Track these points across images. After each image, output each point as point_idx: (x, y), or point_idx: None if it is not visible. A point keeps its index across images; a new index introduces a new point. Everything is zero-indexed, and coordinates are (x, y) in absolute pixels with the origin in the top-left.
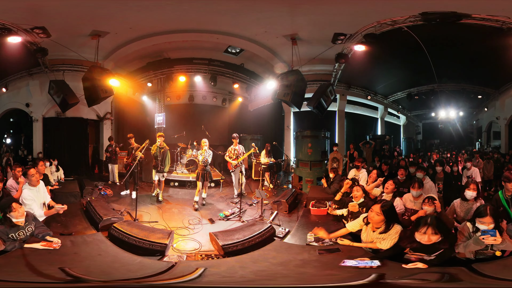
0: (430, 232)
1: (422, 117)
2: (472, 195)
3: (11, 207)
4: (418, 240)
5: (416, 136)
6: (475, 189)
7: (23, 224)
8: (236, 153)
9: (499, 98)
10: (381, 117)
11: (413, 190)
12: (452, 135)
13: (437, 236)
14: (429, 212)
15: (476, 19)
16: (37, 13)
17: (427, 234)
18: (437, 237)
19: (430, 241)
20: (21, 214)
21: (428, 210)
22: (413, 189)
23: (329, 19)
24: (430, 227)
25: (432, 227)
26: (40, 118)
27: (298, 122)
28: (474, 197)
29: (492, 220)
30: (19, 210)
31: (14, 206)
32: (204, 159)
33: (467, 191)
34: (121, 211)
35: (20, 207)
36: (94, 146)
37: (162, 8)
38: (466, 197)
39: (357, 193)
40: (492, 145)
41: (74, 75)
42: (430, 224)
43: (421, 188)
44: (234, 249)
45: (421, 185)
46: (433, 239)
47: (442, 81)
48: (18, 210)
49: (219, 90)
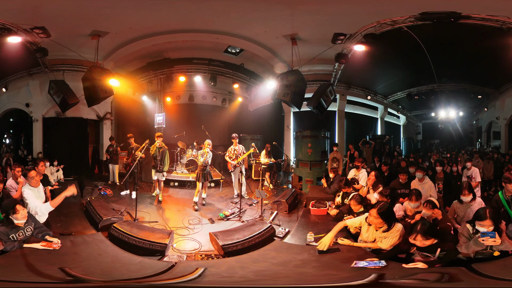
0: (419, 239)
1: (422, 117)
2: (467, 199)
3: (15, 208)
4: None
5: (416, 136)
6: (469, 193)
7: (22, 225)
8: (236, 153)
9: (499, 98)
10: (381, 117)
11: (410, 202)
12: (452, 135)
13: (429, 240)
14: (426, 216)
15: (476, 19)
16: (37, 13)
17: (417, 240)
18: (431, 241)
19: (424, 245)
20: (24, 216)
21: (426, 214)
22: (411, 201)
23: (329, 19)
24: (419, 234)
25: (421, 234)
26: (40, 118)
27: (298, 122)
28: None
29: (491, 223)
30: (22, 212)
31: (17, 208)
32: (205, 160)
33: (462, 197)
34: (121, 211)
35: (23, 209)
36: (94, 146)
37: (162, 8)
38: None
39: (355, 207)
40: (492, 145)
41: (74, 75)
42: (419, 231)
43: (418, 200)
44: (234, 249)
45: (419, 197)
46: (427, 243)
47: (442, 81)
48: (21, 212)
49: (219, 90)
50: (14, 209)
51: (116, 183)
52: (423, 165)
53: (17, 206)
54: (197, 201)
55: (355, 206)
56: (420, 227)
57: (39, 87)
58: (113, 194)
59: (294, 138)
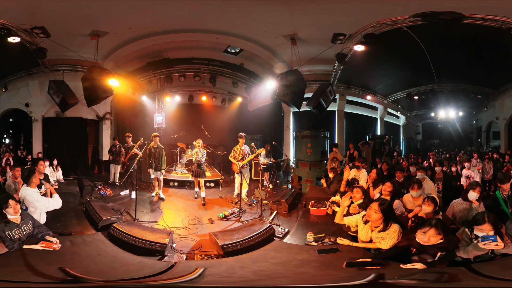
0: (431, 233)
1: (422, 117)
2: (476, 196)
3: (8, 203)
4: (417, 240)
5: (415, 136)
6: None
7: (18, 222)
8: (242, 154)
9: (498, 98)
10: (380, 117)
11: (412, 191)
12: (451, 135)
13: (438, 237)
14: (427, 211)
15: (476, 19)
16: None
17: (427, 235)
18: (438, 239)
19: (429, 242)
20: (16, 211)
21: (426, 209)
22: (412, 190)
23: (329, 19)
24: (433, 227)
25: (435, 228)
26: (40, 118)
27: (298, 122)
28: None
29: (491, 227)
30: (15, 207)
31: (10, 203)
32: (198, 158)
33: (472, 192)
34: (121, 211)
35: (16, 205)
36: (93, 146)
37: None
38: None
39: (357, 195)
40: (491, 145)
41: (74, 75)
42: (434, 225)
43: (420, 189)
44: (233, 249)
45: (420, 185)
46: (433, 240)
47: (442, 81)
48: (14, 207)
49: (219, 90)
50: (7, 204)
51: (116, 183)
52: (423, 165)
53: (10, 201)
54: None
55: (357, 194)
56: (435, 222)
57: (39, 87)
58: (113, 194)
59: (294, 138)
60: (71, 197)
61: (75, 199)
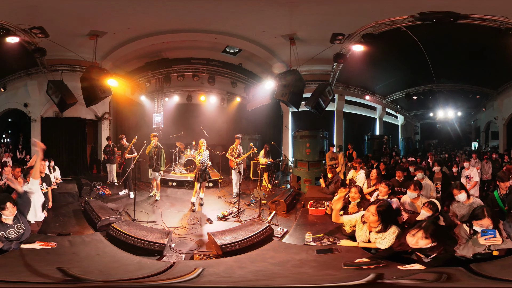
0: (419, 236)
1: (420, 117)
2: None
3: (5, 205)
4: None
5: (414, 136)
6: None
7: (11, 223)
8: (239, 152)
9: (497, 98)
10: (379, 117)
11: (409, 191)
12: (450, 135)
13: (427, 241)
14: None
15: (474, 19)
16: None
17: (415, 237)
18: (427, 242)
19: (417, 245)
20: (11, 214)
21: (425, 214)
22: (410, 190)
23: (328, 19)
24: (422, 230)
25: (423, 230)
26: (38, 118)
27: (297, 122)
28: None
29: (490, 221)
30: (11, 209)
31: (7, 205)
32: (202, 159)
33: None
34: (119, 211)
35: (12, 207)
36: (92, 146)
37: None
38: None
39: (355, 195)
40: (490, 145)
41: (72, 75)
42: (423, 228)
43: (417, 190)
44: (232, 249)
45: (419, 187)
46: (421, 244)
47: (440, 81)
48: (10, 209)
49: (218, 90)
50: (5, 206)
51: (114, 183)
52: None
53: (7, 203)
54: (194, 201)
55: (355, 194)
56: (425, 224)
57: (37, 87)
58: (111, 194)
59: (293, 138)
60: (70, 197)
61: (73, 199)
